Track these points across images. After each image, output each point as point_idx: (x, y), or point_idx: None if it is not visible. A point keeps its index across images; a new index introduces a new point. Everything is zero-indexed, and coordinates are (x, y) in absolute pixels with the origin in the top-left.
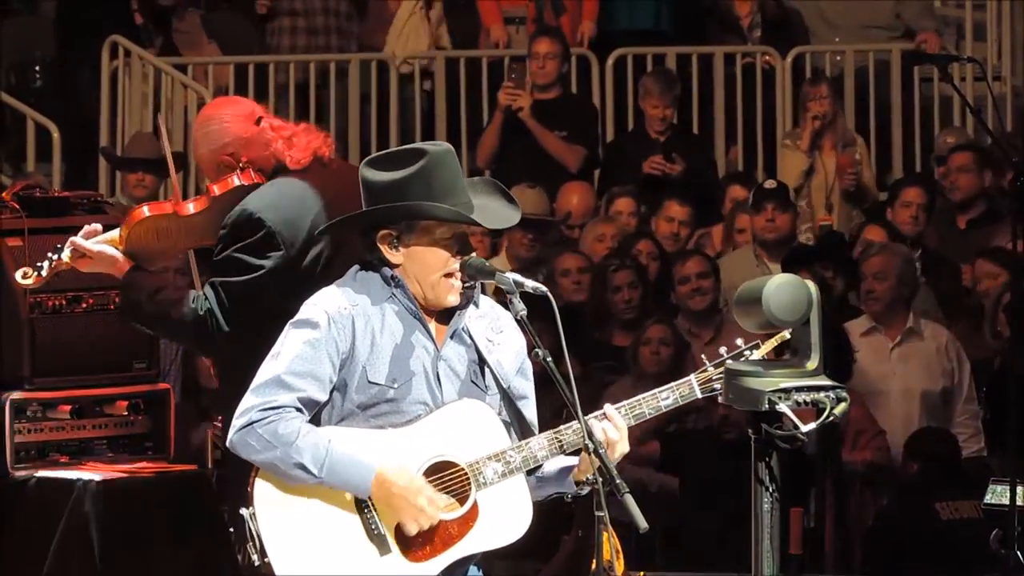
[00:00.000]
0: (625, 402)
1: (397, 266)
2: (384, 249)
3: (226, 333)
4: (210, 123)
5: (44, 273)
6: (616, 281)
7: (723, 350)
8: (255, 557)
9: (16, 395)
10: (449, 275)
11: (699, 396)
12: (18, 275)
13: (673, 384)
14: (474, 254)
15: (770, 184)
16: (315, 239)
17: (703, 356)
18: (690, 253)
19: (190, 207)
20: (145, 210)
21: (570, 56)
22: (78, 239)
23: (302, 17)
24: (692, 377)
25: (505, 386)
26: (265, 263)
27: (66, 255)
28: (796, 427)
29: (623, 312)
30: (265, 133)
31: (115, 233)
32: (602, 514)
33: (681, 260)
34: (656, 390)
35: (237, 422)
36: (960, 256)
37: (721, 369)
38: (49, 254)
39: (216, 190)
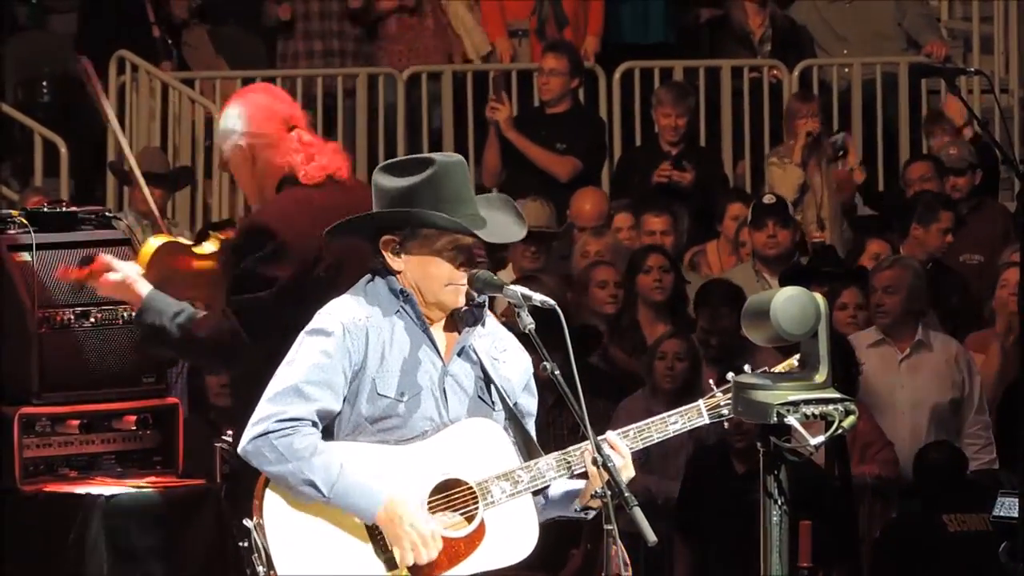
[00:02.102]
0: (633, 426)
1: (399, 272)
2: (386, 255)
3: (250, 349)
4: (249, 105)
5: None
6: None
7: (730, 375)
8: (261, 570)
9: (25, 410)
10: (454, 285)
11: (707, 421)
12: None
13: (682, 408)
14: (482, 267)
15: (769, 199)
16: (324, 252)
17: (711, 381)
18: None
19: (206, 247)
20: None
21: (582, 70)
22: (107, 257)
23: (318, 40)
24: (701, 402)
25: (512, 404)
26: (280, 275)
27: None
28: (805, 440)
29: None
30: (290, 143)
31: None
32: (611, 527)
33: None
34: (665, 414)
35: (252, 430)
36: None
37: (729, 395)
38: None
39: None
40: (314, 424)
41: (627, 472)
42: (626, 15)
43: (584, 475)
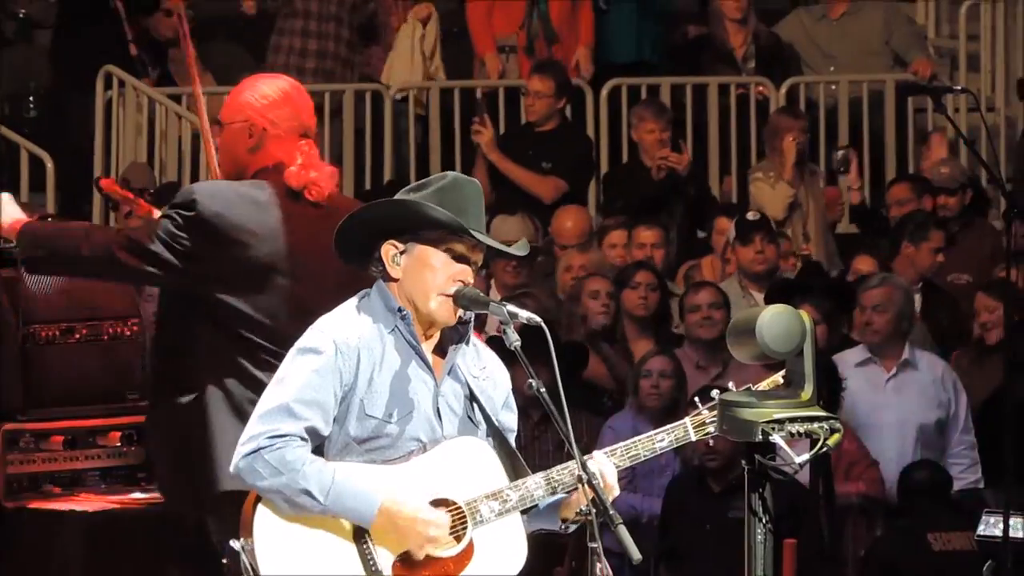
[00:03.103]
0: (620, 444)
1: (396, 280)
2: (386, 261)
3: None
4: (276, 91)
5: None
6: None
7: (715, 393)
8: None
9: (8, 426)
10: (445, 295)
11: (694, 438)
12: None
13: (669, 426)
14: (469, 284)
15: (753, 215)
16: (271, 261)
17: (696, 399)
18: (702, 284)
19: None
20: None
21: (570, 89)
22: None
23: (305, 57)
24: (687, 420)
25: (495, 421)
26: (182, 235)
27: None
28: (790, 458)
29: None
30: (297, 147)
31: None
32: (595, 545)
33: (693, 290)
34: (652, 432)
35: (243, 448)
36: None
37: (715, 413)
38: None
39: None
40: (304, 439)
41: (613, 492)
42: (613, 33)
43: (572, 492)
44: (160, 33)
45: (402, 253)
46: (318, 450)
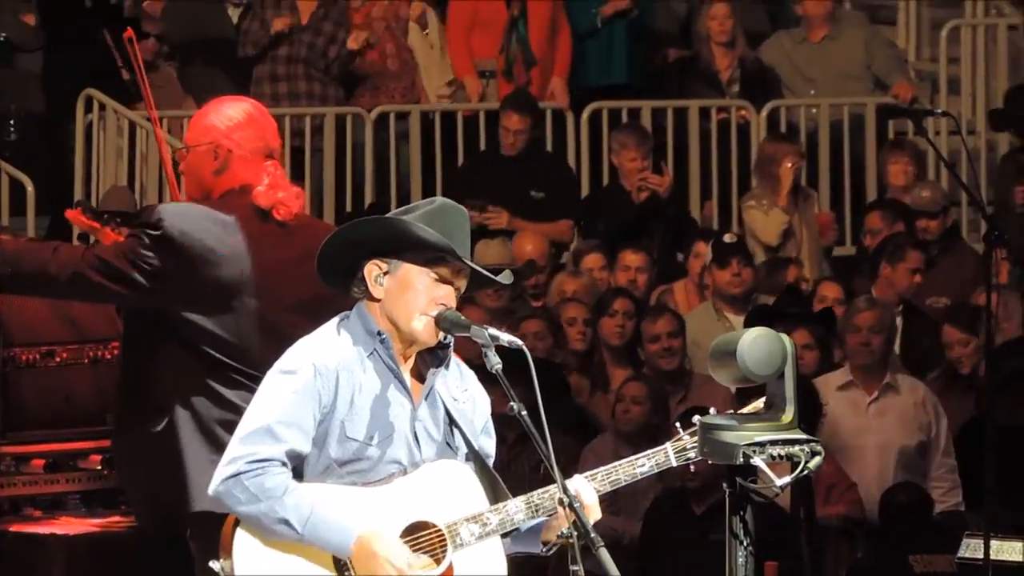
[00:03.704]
0: (601, 468)
1: (378, 301)
2: (369, 281)
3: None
4: (239, 113)
5: None
6: (522, 329)
7: (696, 419)
8: None
9: None
10: (431, 315)
11: (674, 464)
12: None
13: (649, 452)
14: (452, 308)
15: (730, 238)
16: (237, 281)
17: (677, 424)
18: (660, 310)
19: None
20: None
21: (543, 119)
22: None
23: (284, 82)
24: (668, 445)
25: (476, 446)
26: (147, 255)
27: None
28: (771, 481)
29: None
30: (263, 168)
31: None
32: (577, 568)
33: (651, 318)
34: (633, 457)
35: (223, 471)
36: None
37: (695, 438)
38: None
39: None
40: (284, 464)
41: (594, 515)
42: (593, 57)
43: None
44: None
45: (385, 273)
46: (298, 471)
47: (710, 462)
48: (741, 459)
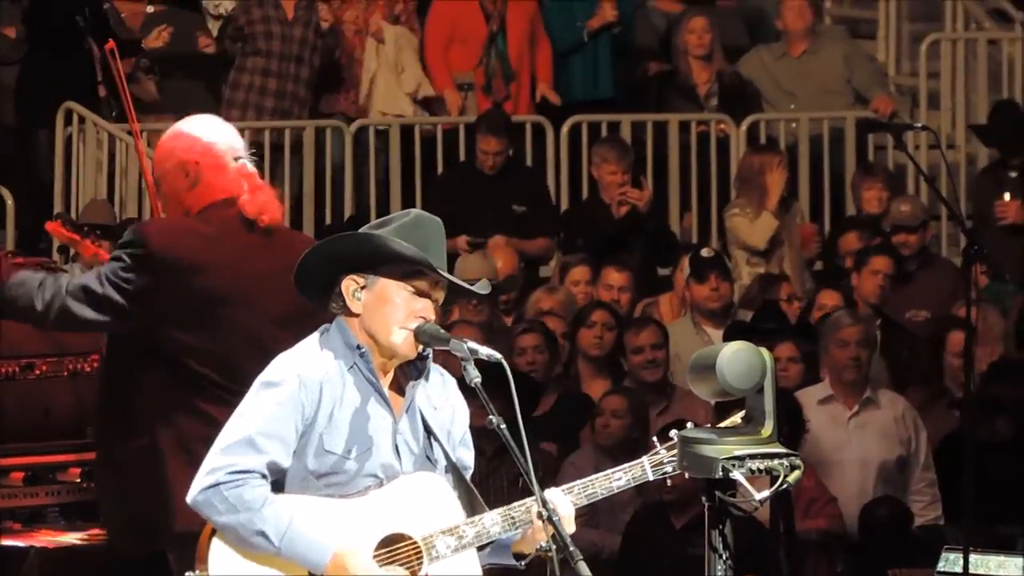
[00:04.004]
0: (578, 482)
1: (356, 316)
2: (347, 296)
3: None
4: (199, 126)
5: None
6: (520, 344)
7: (674, 433)
8: None
9: None
10: (410, 329)
11: (651, 478)
12: None
13: (626, 465)
14: (431, 320)
15: (708, 252)
16: (222, 294)
17: (655, 439)
18: (644, 322)
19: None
20: None
21: (522, 133)
22: None
23: (262, 95)
24: (645, 459)
25: (453, 457)
26: (130, 276)
27: None
28: (750, 495)
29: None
30: (235, 172)
31: None
32: None
33: (635, 329)
34: (610, 471)
35: (203, 481)
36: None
37: (673, 452)
38: None
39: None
40: (264, 476)
41: (569, 528)
42: (574, 72)
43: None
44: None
45: (363, 288)
46: (278, 482)
47: (687, 476)
48: (720, 473)
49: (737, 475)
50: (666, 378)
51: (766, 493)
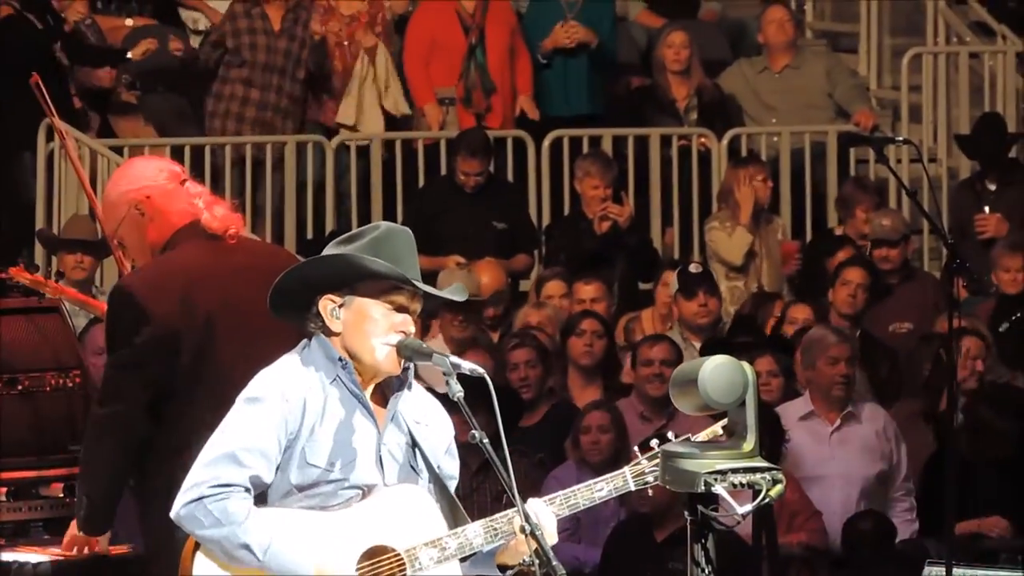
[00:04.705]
0: (560, 493)
1: (336, 335)
2: (325, 316)
3: (114, 415)
4: (133, 167)
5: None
6: (513, 359)
7: (655, 443)
8: None
9: None
10: (388, 346)
11: (632, 488)
12: None
13: (607, 476)
14: (411, 335)
15: (695, 268)
16: (211, 316)
17: (636, 449)
18: (660, 338)
19: None
20: None
21: (503, 148)
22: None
23: (244, 108)
24: (626, 469)
25: (436, 469)
26: (136, 341)
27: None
28: (732, 509)
29: (522, 390)
30: (185, 192)
31: None
32: None
33: (650, 342)
34: (591, 481)
35: (186, 495)
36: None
37: (654, 462)
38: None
39: None
40: (247, 490)
41: (551, 539)
42: (555, 87)
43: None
44: (98, 81)
45: (341, 306)
46: (260, 497)
47: (669, 488)
48: (703, 487)
49: (719, 489)
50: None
51: (748, 507)
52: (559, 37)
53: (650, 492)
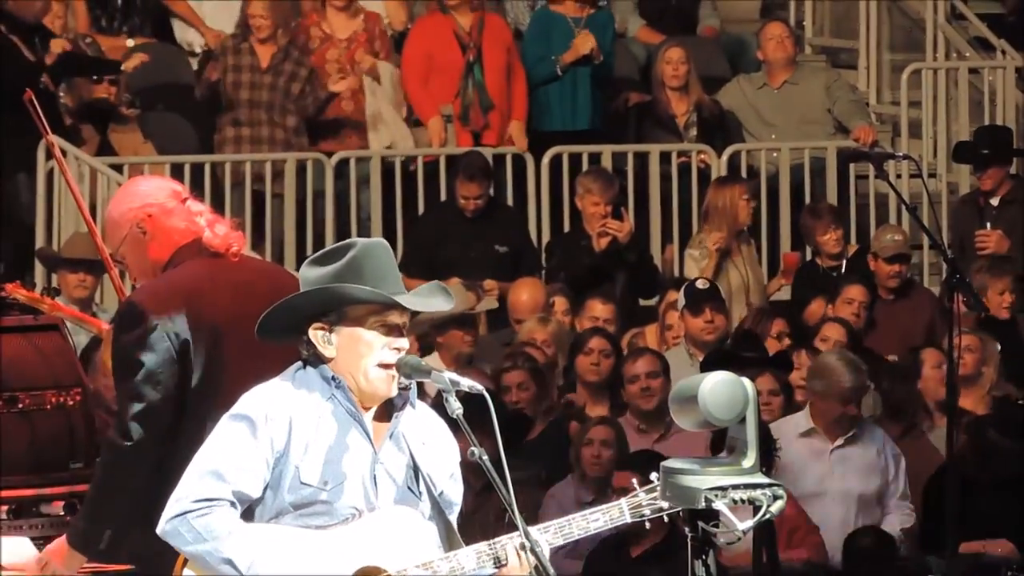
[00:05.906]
0: (554, 521)
1: (331, 360)
2: (317, 343)
3: (137, 441)
4: (135, 185)
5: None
6: (506, 381)
7: (654, 476)
8: None
9: None
10: (384, 366)
11: (628, 520)
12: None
13: (604, 507)
14: (405, 352)
15: (703, 284)
16: (216, 330)
17: (634, 480)
18: (640, 351)
19: None
20: None
21: (503, 166)
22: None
23: (246, 127)
24: (623, 501)
25: (437, 493)
26: (148, 357)
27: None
28: (733, 525)
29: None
30: (187, 210)
31: None
32: None
33: (632, 359)
34: (587, 511)
35: (171, 510)
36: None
37: (652, 495)
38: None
39: None
40: (232, 504)
41: (524, 569)
42: (555, 102)
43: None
44: (94, 95)
45: (331, 333)
46: (249, 512)
47: (665, 514)
48: (703, 503)
49: (720, 505)
50: (665, 407)
51: (749, 523)
52: (580, 48)
53: (647, 525)
